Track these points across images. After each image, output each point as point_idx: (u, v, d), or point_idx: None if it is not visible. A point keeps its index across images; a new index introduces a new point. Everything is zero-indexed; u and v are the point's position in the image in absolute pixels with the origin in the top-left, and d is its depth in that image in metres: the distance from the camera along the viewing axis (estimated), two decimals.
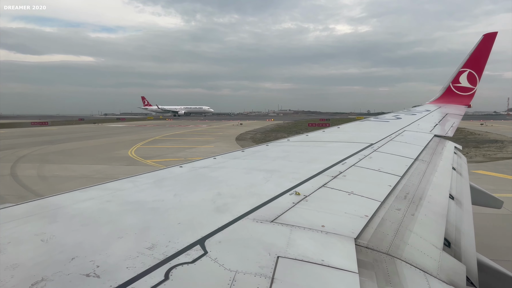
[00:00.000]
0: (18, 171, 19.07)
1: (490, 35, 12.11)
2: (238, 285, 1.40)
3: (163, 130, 54.14)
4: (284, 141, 6.05)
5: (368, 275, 1.67)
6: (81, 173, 18.61)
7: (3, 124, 69.96)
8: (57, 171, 19.13)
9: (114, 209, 2.35)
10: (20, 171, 18.92)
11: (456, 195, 3.48)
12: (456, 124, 8.67)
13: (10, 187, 15.30)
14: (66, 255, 1.61)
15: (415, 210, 2.65)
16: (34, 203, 2.45)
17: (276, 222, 2.07)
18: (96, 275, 1.43)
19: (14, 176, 17.53)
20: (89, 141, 36.31)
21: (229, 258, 1.61)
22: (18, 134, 46.46)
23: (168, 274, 1.44)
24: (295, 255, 1.67)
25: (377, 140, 5.55)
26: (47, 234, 1.86)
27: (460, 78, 12.77)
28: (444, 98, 13.36)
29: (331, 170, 3.46)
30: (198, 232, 1.89)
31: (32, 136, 42.65)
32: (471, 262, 2.29)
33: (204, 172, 3.58)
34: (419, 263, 1.90)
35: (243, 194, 2.69)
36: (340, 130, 7.78)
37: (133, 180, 3.18)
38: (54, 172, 18.92)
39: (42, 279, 1.40)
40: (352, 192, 2.76)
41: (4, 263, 1.53)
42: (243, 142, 34.32)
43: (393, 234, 2.16)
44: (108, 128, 64.01)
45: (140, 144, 32.62)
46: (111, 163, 21.28)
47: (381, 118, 10.55)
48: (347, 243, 1.86)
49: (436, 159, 4.76)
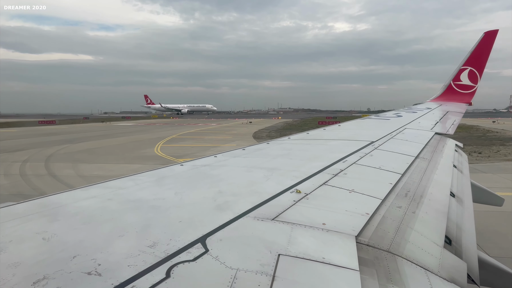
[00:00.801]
0: (55, 171, 18.65)
1: (491, 32, 12.08)
2: (240, 283, 1.40)
3: (175, 129, 53.59)
4: (285, 139, 6.05)
5: (369, 273, 1.67)
6: (120, 172, 17.92)
7: (11, 123, 69.75)
8: (95, 171, 18.67)
9: (115, 208, 2.36)
10: (57, 171, 18.56)
11: (457, 193, 3.48)
12: (457, 122, 8.65)
13: (56, 187, 14.94)
14: (68, 254, 1.61)
15: (416, 207, 2.65)
16: (35, 202, 2.45)
17: (277, 220, 2.07)
18: (98, 273, 1.43)
19: (54, 176, 17.27)
20: (108, 140, 35.90)
21: (230, 256, 1.61)
22: (31, 133, 46.08)
23: (170, 272, 1.44)
24: (296, 253, 1.67)
25: (378, 138, 5.54)
26: (48, 232, 1.87)
27: (461, 76, 12.74)
28: (445, 96, 13.34)
29: (332, 168, 3.46)
30: (199, 230, 1.89)
31: (47, 135, 42.35)
32: (472, 260, 2.29)
33: (205, 170, 3.58)
34: (420, 260, 1.90)
35: (244, 192, 2.69)
36: (340, 128, 7.78)
37: (134, 178, 3.19)
38: (92, 171, 18.46)
39: (44, 277, 1.40)
40: (353, 190, 2.76)
41: (5, 261, 1.54)
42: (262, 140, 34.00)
43: (394, 231, 2.16)
44: (119, 127, 63.44)
45: (162, 143, 32.15)
46: (145, 163, 20.55)
47: (382, 116, 10.53)
48: (348, 240, 1.86)
49: (437, 156, 4.75)
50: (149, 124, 70.45)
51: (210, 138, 36.83)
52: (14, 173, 18.01)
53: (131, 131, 50.49)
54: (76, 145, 31.54)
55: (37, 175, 17.62)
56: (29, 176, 17.20)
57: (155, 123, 77.64)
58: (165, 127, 60.24)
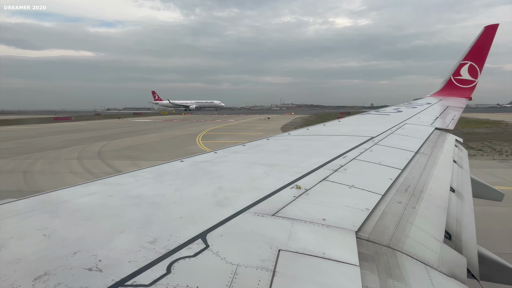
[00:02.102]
0: (122, 168, 17.97)
1: (491, 27, 12.03)
2: (240, 278, 1.40)
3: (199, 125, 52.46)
4: (285, 135, 6.05)
5: (369, 268, 1.67)
6: None
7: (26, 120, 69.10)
8: None
9: (116, 204, 2.36)
10: (124, 169, 17.24)
11: (457, 188, 3.48)
12: (457, 117, 8.64)
13: None
14: (69, 250, 1.61)
15: (416, 203, 2.65)
16: (36, 198, 2.46)
17: (277, 216, 2.08)
18: (99, 269, 1.43)
19: None
20: (143, 137, 35.04)
21: (230, 251, 1.62)
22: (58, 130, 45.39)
23: (170, 267, 1.45)
24: (296, 248, 1.68)
25: (378, 133, 5.54)
26: (49, 229, 1.87)
27: (461, 70, 12.71)
28: (445, 91, 13.32)
29: (332, 164, 3.46)
30: (199, 226, 1.90)
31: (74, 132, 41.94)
32: (472, 255, 2.30)
33: (205, 166, 3.58)
34: (420, 255, 1.91)
35: (244, 188, 2.70)
36: (340, 124, 7.77)
37: (134, 174, 3.19)
38: None
39: (45, 273, 1.40)
40: (353, 186, 2.76)
41: (7, 257, 1.54)
42: None
43: (394, 227, 2.16)
44: (138, 123, 62.27)
45: (199, 139, 31.66)
46: None
47: (381, 111, 10.52)
48: (348, 236, 1.86)
49: (437, 152, 4.75)
50: (166, 121, 69.07)
51: (243, 134, 36.11)
52: (80, 171, 17.83)
53: (156, 127, 49.37)
54: (114, 142, 30.85)
55: (106, 172, 17.18)
56: (101, 174, 16.63)
57: (172, 119, 76.06)
58: (185, 123, 58.94)
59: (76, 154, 23.37)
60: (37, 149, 25.52)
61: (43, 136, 37.03)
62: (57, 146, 27.74)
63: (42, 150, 24.91)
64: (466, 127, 40.88)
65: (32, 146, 27.90)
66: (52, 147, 27.15)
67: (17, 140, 32.78)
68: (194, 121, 64.89)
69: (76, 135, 37.53)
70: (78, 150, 25.14)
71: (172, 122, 62.38)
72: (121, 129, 47.26)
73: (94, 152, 24.19)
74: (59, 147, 26.78)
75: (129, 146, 27.65)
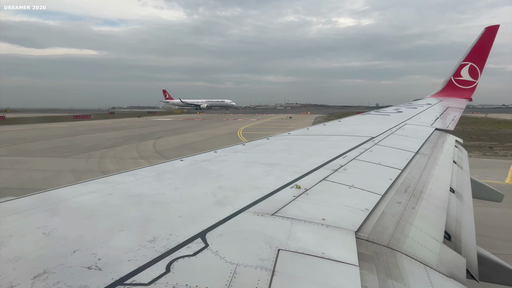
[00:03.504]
0: None
1: (492, 28, 12.03)
2: (239, 278, 1.40)
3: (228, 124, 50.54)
4: (285, 135, 6.05)
5: (369, 268, 1.67)
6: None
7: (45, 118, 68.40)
8: None
9: (116, 202, 2.36)
10: None
11: (457, 189, 3.48)
12: (457, 118, 8.64)
13: None
14: (68, 248, 1.61)
15: (415, 203, 2.65)
16: (35, 196, 2.46)
17: (276, 215, 2.08)
18: (98, 268, 1.43)
19: None
20: (185, 135, 33.83)
21: (230, 251, 1.62)
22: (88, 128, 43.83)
23: (170, 266, 1.45)
24: (295, 248, 1.68)
25: (378, 134, 5.54)
26: (48, 227, 1.87)
27: (462, 71, 12.71)
28: (446, 92, 13.32)
29: (331, 164, 3.46)
30: (199, 225, 1.89)
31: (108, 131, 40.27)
32: (471, 255, 2.30)
33: (205, 165, 3.58)
34: (419, 256, 1.91)
35: (244, 187, 2.70)
36: (341, 124, 7.77)
37: (134, 173, 3.19)
38: None
39: (44, 271, 1.40)
40: (353, 186, 2.76)
41: (6, 256, 1.54)
42: None
43: (394, 227, 2.16)
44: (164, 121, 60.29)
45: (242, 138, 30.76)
46: None
47: (382, 112, 10.52)
48: (348, 236, 1.86)
49: (437, 152, 4.75)
50: (189, 120, 66.81)
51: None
52: None
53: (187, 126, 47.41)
54: (160, 140, 29.46)
55: None
56: None
57: (192, 118, 73.64)
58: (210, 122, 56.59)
59: (135, 153, 22.37)
60: (89, 148, 24.41)
61: (80, 134, 35.80)
62: (106, 145, 26.41)
63: (96, 149, 23.78)
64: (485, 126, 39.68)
65: (80, 145, 26.68)
66: (102, 145, 25.83)
67: (58, 138, 31.50)
68: (216, 120, 62.95)
69: (112, 134, 36.11)
70: (132, 149, 23.98)
71: (196, 122, 59.97)
72: (153, 128, 45.46)
73: (153, 151, 22.98)
74: (110, 146, 25.43)
75: (180, 145, 26.54)
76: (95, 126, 48.79)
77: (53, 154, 21.83)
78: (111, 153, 22.32)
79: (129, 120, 68.75)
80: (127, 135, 34.42)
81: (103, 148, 24.71)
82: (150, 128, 44.35)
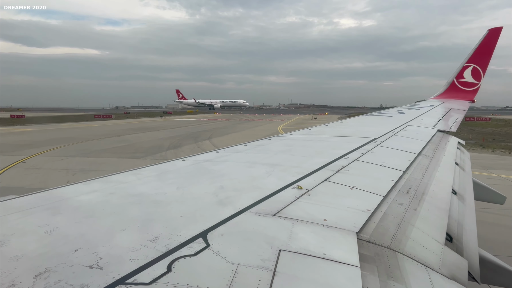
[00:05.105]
0: None
1: (495, 30, 11.98)
2: (240, 278, 1.40)
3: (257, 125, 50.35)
4: (287, 135, 6.04)
5: (370, 269, 1.67)
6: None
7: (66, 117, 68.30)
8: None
9: (117, 202, 2.36)
10: None
11: (459, 191, 3.47)
12: (459, 119, 8.62)
13: None
14: (70, 247, 1.62)
15: (417, 205, 2.64)
16: (37, 195, 2.46)
17: (278, 216, 2.07)
18: (99, 267, 1.44)
19: None
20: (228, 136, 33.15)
21: (231, 251, 1.62)
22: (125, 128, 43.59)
23: (171, 266, 1.45)
24: (297, 249, 1.67)
25: (380, 135, 5.53)
26: (50, 226, 1.87)
27: (464, 73, 12.67)
28: (448, 93, 13.28)
29: (333, 165, 3.45)
30: (200, 225, 1.90)
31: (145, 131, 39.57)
32: (473, 257, 2.29)
33: (207, 165, 3.58)
34: (421, 257, 1.90)
35: (245, 187, 2.69)
36: (343, 125, 7.76)
37: (136, 173, 3.19)
38: None
39: (46, 270, 1.41)
40: (355, 187, 2.75)
41: (8, 254, 1.55)
42: None
43: (395, 228, 2.16)
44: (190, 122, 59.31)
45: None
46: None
47: (384, 113, 10.50)
48: (349, 237, 1.86)
49: (439, 154, 4.74)
50: (212, 120, 66.11)
51: None
52: None
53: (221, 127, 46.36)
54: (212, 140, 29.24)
55: None
56: None
57: (216, 118, 72.30)
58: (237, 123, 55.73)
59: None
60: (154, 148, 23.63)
61: (124, 134, 34.92)
62: (166, 145, 25.87)
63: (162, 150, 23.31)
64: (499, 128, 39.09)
65: (139, 145, 26.17)
66: (164, 146, 25.22)
67: (107, 138, 30.88)
68: (240, 120, 62.03)
69: (157, 134, 35.26)
70: (197, 149, 23.04)
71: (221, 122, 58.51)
72: (188, 128, 44.25)
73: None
74: (173, 147, 24.96)
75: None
76: (128, 126, 47.70)
77: (124, 155, 21.07)
78: (181, 153, 21.40)
79: (153, 120, 67.72)
80: (175, 135, 33.50)
81: (167, 149, 24.07)
82: (187, 128, 43.30)
